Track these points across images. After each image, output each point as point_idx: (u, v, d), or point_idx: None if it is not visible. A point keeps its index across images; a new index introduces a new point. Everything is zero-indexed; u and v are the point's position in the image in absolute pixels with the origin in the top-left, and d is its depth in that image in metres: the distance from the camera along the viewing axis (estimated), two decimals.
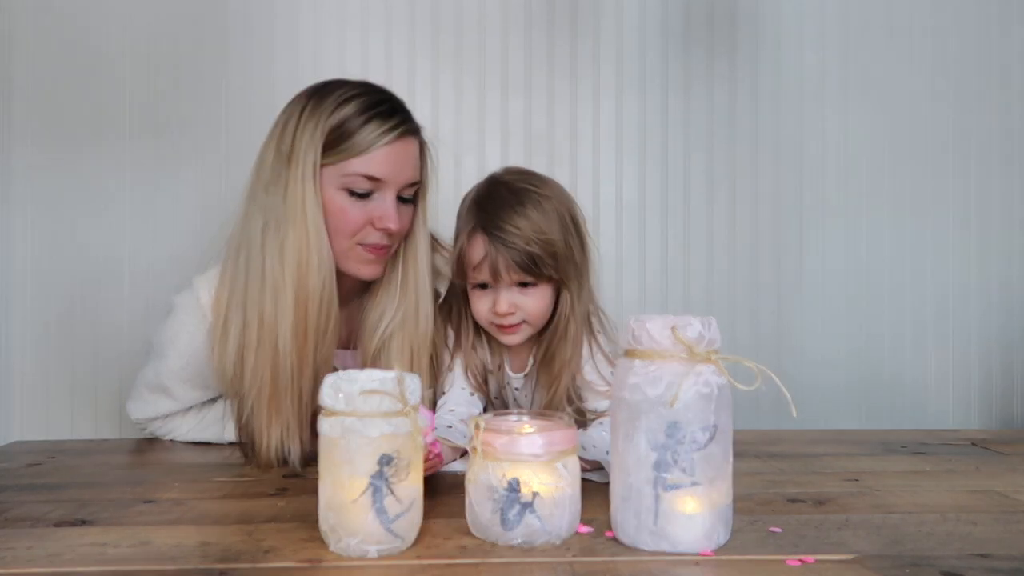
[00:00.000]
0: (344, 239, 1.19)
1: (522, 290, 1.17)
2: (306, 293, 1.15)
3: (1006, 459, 1.19)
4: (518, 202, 1.16)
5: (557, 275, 1.17)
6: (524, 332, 1.20)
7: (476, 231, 1.17)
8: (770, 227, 1.81)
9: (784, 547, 0.78)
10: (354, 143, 1.17)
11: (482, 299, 1.19)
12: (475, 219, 1.18)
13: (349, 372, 0.79)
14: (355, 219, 1.18)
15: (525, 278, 1.16)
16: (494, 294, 1.17)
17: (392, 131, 1.19)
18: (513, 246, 1.13)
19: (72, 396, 1.69)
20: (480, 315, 1.20)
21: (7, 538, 0.82)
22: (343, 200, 1.18)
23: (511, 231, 1.14)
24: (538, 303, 1.18)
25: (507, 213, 1.15)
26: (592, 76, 1.79)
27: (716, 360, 0.77)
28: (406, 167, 1.21)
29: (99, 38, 1.70)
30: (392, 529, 0.76)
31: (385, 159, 1.18)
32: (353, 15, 1.74)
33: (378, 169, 1.18)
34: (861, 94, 1.83)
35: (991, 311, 1.84)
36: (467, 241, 1.17)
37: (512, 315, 1.17)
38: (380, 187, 1.19)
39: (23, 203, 1.69)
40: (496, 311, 1.17)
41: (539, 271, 1.15)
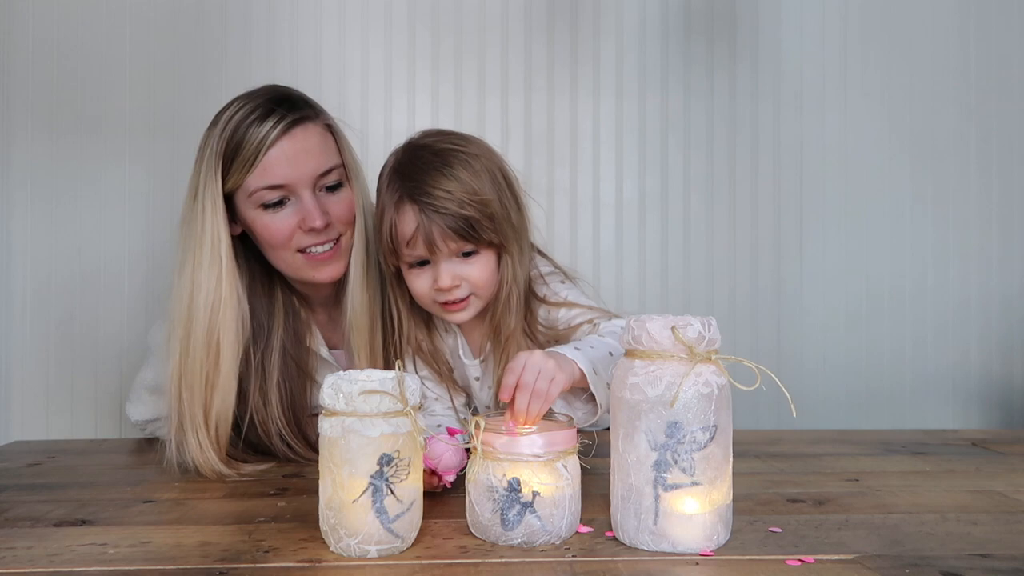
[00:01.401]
0: (283, 252, 1.17)
1: (463, 260, 1.08)
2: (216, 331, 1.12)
3: (1006, 459, 1.19)
4: (444, 163, 1.07)
5: (497, 238, 1.08)
6: (473, 306, 1.12)
7: (403, 202, 1.07)
8: (770, 227, 1.81)
9: (784, 547, 0.78)
10: (243, 159, 1.12)
11: (420, 277, 1.10)
12: (400, 189, 1.08)
13: (349, 372, 0.79)
14: (280, 230, 1.15)
15: (464, 246, 1.07)
16: (433, 269, 1.08)
17: (274, 128, 1.12)
18: (446, 211, 1.04)
19: (72, 396, 1.69)
20: (422, 296, 1.11)
21: (7, 538, 0.82)
22: (262, 217, 1.15)
23: (442, 195, 1.04)
24: (483, 271, 1.09)
25: (434, 177, 1.06)
26: (592, 76, 1.79)
27: (716, 360, 0.77)
28: (307, 160, 1.14)
29: (99, 39, 1.70)
30: (392, 529, 0.76)
31: (277, 162, 1.12)
32: (353, 15, 1.74)
33: (273, 175, 1.12)
34: (861, 94, 1.83)
35: (991, 311, 1.84)
36: (395, 214, 1.07)
37: (457, 288, 1.08)
38: (289, 191, 1.14)
39: (23, 203, 1.69)
40: (439, 286, 1.08)
41: (478, 235, 1.06)
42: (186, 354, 1.12)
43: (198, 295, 1.13)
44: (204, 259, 1.13)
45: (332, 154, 1.18)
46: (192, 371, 1.12)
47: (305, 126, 1.15)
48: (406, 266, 1.11)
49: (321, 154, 1.16)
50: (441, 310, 1.12)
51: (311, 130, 1.16)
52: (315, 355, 1.27)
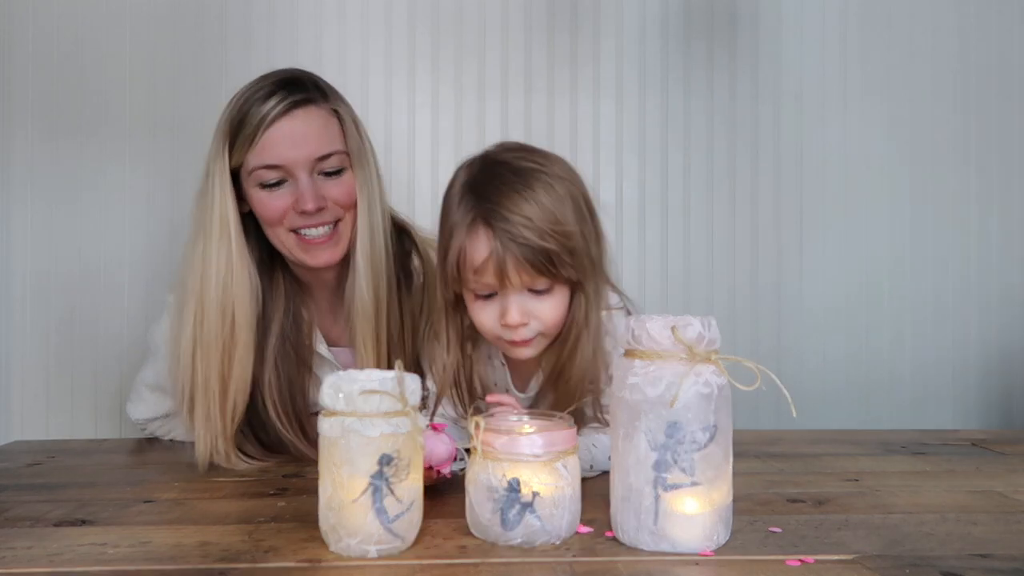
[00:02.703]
0: (278, 229, 1.18)
1: (535, 295, 0.97)
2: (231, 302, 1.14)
3: (1006, 459, 1.19)
4: (525, 185, 0.95)
5: (575, 275, 0.97)
6: (538, 344, 1.01)
7: (477, 224, 0.95)
8: (770, 227, 1.81)
9: (784, 547, 0.78)
10: (244, 136, 1.14)
11: (485, 310, 0.99)
12: (473, 208, 0.96)
13: (349, 372, 0.79)
14: (274, 209, 1.16)
15: (538, 281, 0.96)
16: (501, 302, 0.98)
17: (275, 107, 1.13)
18: (524, 241, 0.93)
19: (72, 396, 1.69)
20: (484, 328, 1.01)
21: (7, 538, 0.82)
22: (259, 194, 1.16)
23: (520, 222, 0.93)
24: (554, 310, 0.98)
25: (513, 199, 0.94)
26: (592, 76, 1.79)
27: (716, 360, 0.77)
28: (307, 142, 1.14)
29: (99, 39, 1.70)
30: (392, 529, 0.76)
31: (276, 140, 1.13)
32: (353, 16, 1.74)
33: (272, 155, 1.13)
34: (861, 94, 1.83)
35: (991, 311, 1.84)
36: (466, 237, 0.96)
37: (525, 326, 0.98)
38: (287, 172, 1.15)
39: (23, 203, 1.69)
40: (506, 322, 0.97)
41: (555, 271, 0.95)
42: (200, 324, 1.14)
43: (209, 266, 1.14)
44: (214, 231, 1.15)
45: (335, 139, 1.18)
46: (208, 340, 1.14)
47: (307, 108, 1.16)
48: (471, 295, 1.00)
49: (321, 137, 1.16)
50: (506, 346, 1.02)
51: (313, 113, 1.16)
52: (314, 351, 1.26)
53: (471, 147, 1.82)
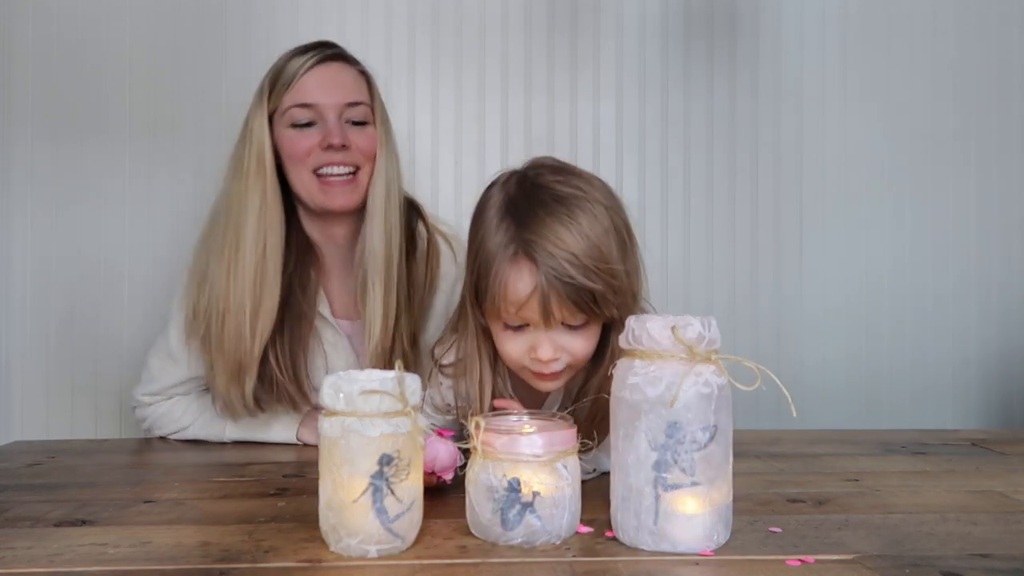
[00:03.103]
0: (301, 169, 1.27)
1: (568, 331, 0.93)
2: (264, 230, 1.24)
3: (1006, 459, 1.19)
4: (569, 216, 0.90)
5: (618, 314, 0.92)
6: (566, 376, 0.99)
7: (520, 257, 0.90)
8: (770, 227, 1.81)
9: (784, 547, 0.78)
10: (283, 81, 1.27)
11: (516, 341, 0.95)
12: (515, 238, 0.91)
13: (349, 372, 0.79)
14: (302, 146, 1.25)
15: (577, 320, 0.92)
16: (532, 335, 0.94)
17: (312, 58, 1.26)
18: (570, 280, 0.88)
19: (72, 396, 1.69)
20: (511, 358, 0.97)
21: (7, 538, 0.82)
22: (289, 133, 1.26)
23: (566, 258, 0.88)
24: (587, 345, 0.95)
25: (557, 231, 0.89)
26: (592, 76, 1.79)
27: (716, 360, 0.77)
28: (337, 88, 1.26)
29: (99, 39, 1.70)
30: (392, 529, 0.76)
31: (311, 84, 1.26)
32: (353, 15, 1.74)
33: (306, 95, 1.25)
34: (861, 94, 1.83)
35: (991, 311, 1.84)
36: (509, 270, 0.91)
37: (555, 361, 0.94)
38: (318, 112, 1.26)
39: (23, 203, 1.69)
40: (538, 357, 0.93)
41: (599, 311, 0.91)
42: (235, 248, 1.24)
43: (245, 198, 1.25)
44: (252, 166, 1.26)
45: (363, 93, 1.30)
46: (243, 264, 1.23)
47: (341, 63, 1.29)
48: (500, 324, 0.95)
49: (352, 87, 1.28)
50: (532, 376, 0.98)
51: (346, 68, 1.29)
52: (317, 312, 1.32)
53: (471, 148, 1.84)
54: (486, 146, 1.77)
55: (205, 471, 1.13)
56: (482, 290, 0.94)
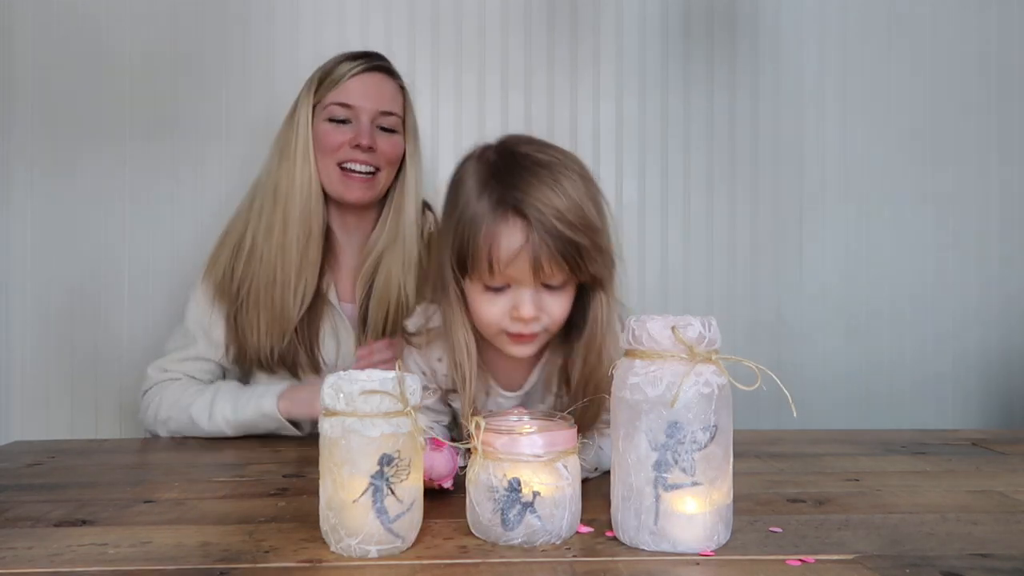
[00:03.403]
0: (328, 159, 1.38)
1: (548, 291, 0.95)
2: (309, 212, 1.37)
3: (1006, 459, 1.19)
4: (552, 179, 0.92)
5: (600, 272, 0.95)
6: (540, 341, 0.99)
7: (508, 213, 0.91)
8: (770, 227, 1.81)
9: (784, 547, 0.78)
10: (331, 80, 1.40)
11: (495, 303, 0.95)
12: (502, 198, 0.92)
13: (349, 372, 0.79)
14: (335, 139, 1.38)
15: (562, 276, 0.94)
16: (514, 295, 0.94)
17: (358, 65, 1.40)
18: (558, 233, 0.90)
19: (72, 396, 1.69)
20: (490, 322, 0.97)
21: (7, 538, 0.82)
22: (326, 127, 1.39)
23: (552, 214, 0.90)
24: (564, 307, 0.97)
25: (543, 191, 0.90)
26: (592, 75, 1.79)
27: (716, 360, 0.77)
28: (376, 96, 1.40)
29: (100, 39, 1.70)
30: (392, 529, 0.76)
31: (353, 88, 1.39)
32: (353, 15, 1.74)
33: (347, 96, 1.39)
34: (861, 94, 1.83)
35: (991, 311, 1.84)
36: (497, 225, 0.91)
37: (537, 321, 0.95)
38: (354, 113, 1.38)
39: (23, 203, 1.69)
40: (519, 315, 0.94)
41: (583, 267, 0.93)
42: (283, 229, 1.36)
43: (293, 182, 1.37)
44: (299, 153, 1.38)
45: (397, 105, 1.43)
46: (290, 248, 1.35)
47: (384, 75, 1.43)
48: (479, 286, 0.96)
49: (388, 97, 1.41)
50: (507, 341, 0.98)
51: (387, 80, 1.43)
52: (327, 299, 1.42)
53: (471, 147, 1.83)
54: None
55: (205, 471, 1.13)
56: (469, 254, 0.93)
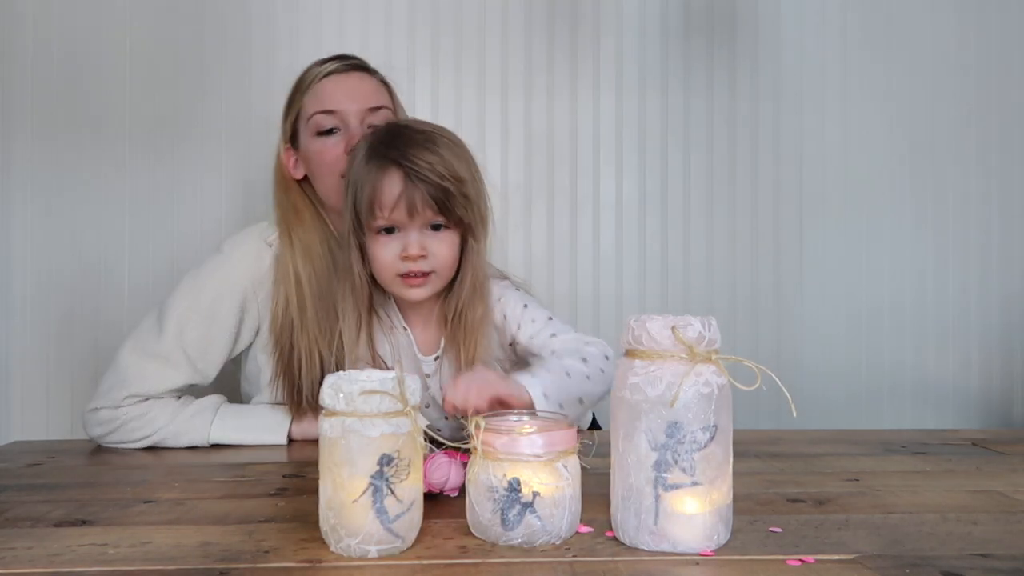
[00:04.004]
0: (328, 176, 1.30)
1: (432, 233, 1.13)
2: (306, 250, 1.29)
3: (1006, 459, 1.19)
4: (428, 140, 1.13)
5: (467, 217, 1.13)
6: (432, 284, 1.15)
7: (388, 166, 1.11)
8: (770, 227, 1.81)
9: (784, 547, 0.78)
10: (301, 84, 1.33)
11: (388, 246, 1.13)
12: (384, 156, 1.12)
13: (349, 372, 0.79)
14: (330, 153, 1.29)
15: (437, 217, 1.12)
16: (402, 239, 1.12)
17: (331, 66, 1.32)
18: (428, 180, 1.10)
19: (72, 396, 1.69)
20: (385, 266, 1.14)
21: (7, 538, 0.82)
22: (316, 143, 1.30)
23: (425, 165, 1.10)
24: (449, 248, 1.14)
25: (419, 149, 1.11)
26: (592, 76, 1.79)
27: (716, 360, 0.77)
28: (358, 94, 1.31)
29: (100, 39, 1.70)
30: (392, 529, 0.76)
31: (332, 91, 1.30)
32: (353, 16, 1.74)
33: (328, 101, 1.30)
34: (861, 94, 1.83)
35: (991, 311, 1.84)
36: (379, 177, 1.11)
37: (423, 259, 1.12)
38: (340, 119, 1.29)
39: (23, 203, 1.70)
40: (407, 254, 1.12)
41: (451, 209, 1.11)
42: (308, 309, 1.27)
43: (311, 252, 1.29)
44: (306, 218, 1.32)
45: (384, 98, 1.34)
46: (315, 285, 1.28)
47: (363, 74, 1.34)
48: (372, 234, 1.14)
49: (372, 94, 1.33)
50: (401, 283, 1.15)
51: (368, 78, 1.34)
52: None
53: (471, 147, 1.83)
54: (486, 146, 1.77)
55: (205, 471, 1.13)
56: (362, 207, 1.12)
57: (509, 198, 1.77)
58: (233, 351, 1.33)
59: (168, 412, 1.26)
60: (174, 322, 1.27)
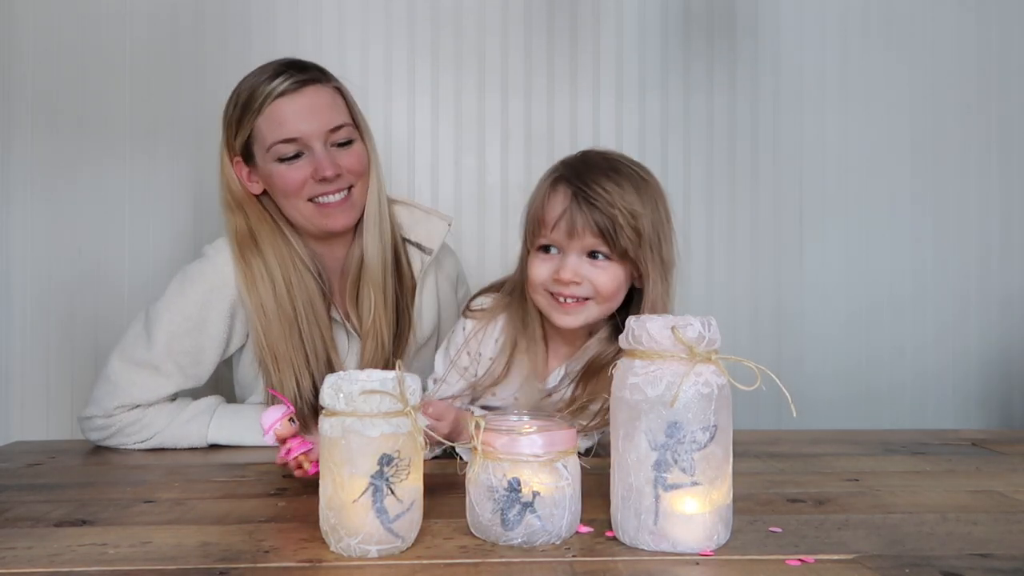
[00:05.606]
0: (296, 201, 1.26)
1: (592, 262, 1.07)
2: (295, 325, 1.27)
3: (1006, 459, 1.19)
4: (613, 170, 1.08)
5: (633, 252, 1.06)
6: (587, 313, 1.09)
7: (559, 183, 1.08)
8: (770, 227, 1.81)
9: (784, 547, 0.78)
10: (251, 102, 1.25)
11: (545, 263, 1.09)
12: (560, 172, 1.10)
13: (349, 372, 0.79)
14: (295, 179, 1.25)
15: (599, 246, 1.06)
16: (560, 260, 1.07)
17: (281, 84, 1.24)
18: (596, 205, 1.04)
19: (72, 396, 1.69)
20: (538, 282, 1.09)
21: (7, 538, 0.82)
22: (279, 168, 1.26)
23: (598, 191, 1.05)
24: (608, 279, 1.07)
25: (598, 175, 1.06)
26: (592, 77, 1.79)
27: (716, 360, 0.77)
28: (318, 115, 1.25)
29: (99, 38, 1.70)
30: (392, 529, 0.76)
31: (290, 116, 1.24)
32: (353, 17, 1.74)
33: (287, 129, 1.23)
34: (861, 94, 1.83)
35: (991, 311, 1.84)
36: (547, 192, 1.09)
37: (577, 286, 1.06)
38: (303, 144, 1.24)
39: (23, 203, 1.69)
40: (559, 277, 1.06)
41: (615, 240, 1.04)
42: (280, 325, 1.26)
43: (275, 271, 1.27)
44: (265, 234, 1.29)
45: (342, 112, 1.28)
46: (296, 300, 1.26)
47: (316, 87, 1.26)
48: (534, 248, 1.11)
49: (331, 111, 1.26)
50: (552, 304, 1.10)
51: (321, 91, 1.27)
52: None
53: (471, 147, 1.84)
54: (486, 146, 1.77)
55: (205, 471, 1.13)
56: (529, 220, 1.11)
57: (509, 198, 1.77)
58: (225, 354, 1.32)
59: (164, 415, 1.26)
60: (163, 331, 1.26)
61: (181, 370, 1.27)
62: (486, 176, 1.77)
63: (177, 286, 1.29)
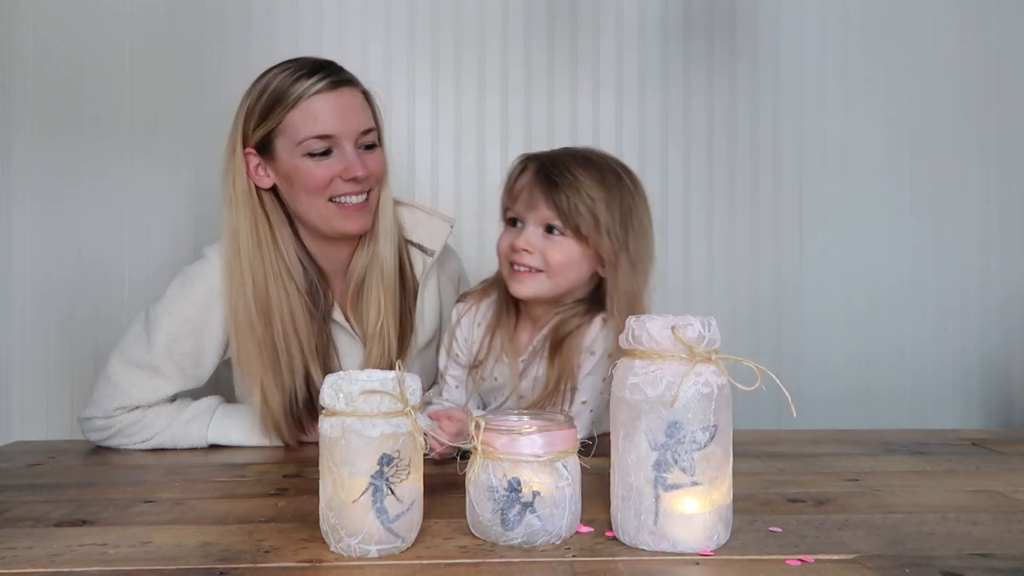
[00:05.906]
0: (317, 199, 1.25)
1: (548, 236, 1.13)
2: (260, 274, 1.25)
3: (1006, 459, 1.19)
4: (585, 160, 1.14)
5: (587, 233, 1.11)
6: (538, 284, 1.14)
7: (530, 162, 1.16)
8: (770, 226, 1.81)
9: (784, 547, 0.78)
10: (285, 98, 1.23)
11: (508, 234, 1.17)
12: (535, 155, 1.17)
13: (349, 372, 0.79)
14: (322, 176, 1.24)
15: (553, 219, 1.11)
16: (520, 232, 1.15)
17: (318, 83, 1.24)
18: (556, 181, 1.11)
19: (72, 396, 1.69)
20: (501, 253, 1.18)
21: (7, 538, 0.82)
22: (306, 163, 1.24)
23: (562, 170, 1.11)
24: (560, 254, 1.12)
25: (568, 160, 1.13)
26: (592, 76, 1.79)
27: (716, 360, 0.77)
28: (352, 116, 1.26)
29: (99, 38, 1.70)
30: (392, 529, 0.76)
31: (327, 113, 1.24)
32: (353, 16, 1.74)
33: (324, 124, 1.23)
34: (861, 94, 1.83)
35: (991, 311, 1.84)
36: (520, 169, 1.17)
37: (529, 255, 1.13)
38: (335, 142, 1.25)
39: (23, 203, 1.70)
40: (514, 244, 1.13)
41: (568, 215, 1.10)
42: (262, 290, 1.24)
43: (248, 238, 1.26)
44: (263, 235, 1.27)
45: (370, 117, 1.30)
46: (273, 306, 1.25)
47: (351, 88, 1.28)
48: (505, 223, 1.18)
49: (364, 113, 1.28)
50: (510, 273, 1.16)
51: (355, 93, 1.29)
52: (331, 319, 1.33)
53: (471, 147, 1.84)
54: (486, 146, 1.77)
55: (205, 471, 1.13)
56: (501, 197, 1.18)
57: None
58: (225, 354, 1.31)
59: (164, 416, 1.26)
60: (163, 333, 1.25)
61: (181, 372, 1.27)
62: (486, 176, 1.77)
63: (177, 287, 1.29)
